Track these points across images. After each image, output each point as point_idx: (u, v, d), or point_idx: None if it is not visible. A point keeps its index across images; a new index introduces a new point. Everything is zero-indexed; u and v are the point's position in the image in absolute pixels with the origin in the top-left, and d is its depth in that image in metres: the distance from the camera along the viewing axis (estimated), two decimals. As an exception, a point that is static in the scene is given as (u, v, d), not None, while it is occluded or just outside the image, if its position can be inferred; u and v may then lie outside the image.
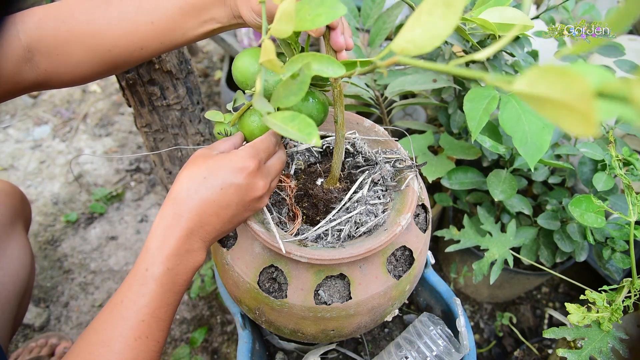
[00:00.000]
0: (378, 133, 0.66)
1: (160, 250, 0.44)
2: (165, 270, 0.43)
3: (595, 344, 0.64)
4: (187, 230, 0.44)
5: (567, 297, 1.25)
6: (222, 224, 0.47)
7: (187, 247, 0.45)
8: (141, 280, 0.43)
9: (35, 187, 1.53)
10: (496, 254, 0.83)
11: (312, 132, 0.35)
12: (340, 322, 0.57)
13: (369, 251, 0.52)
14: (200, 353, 1.15)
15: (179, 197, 0.45)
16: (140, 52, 0.56)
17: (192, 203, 0.44)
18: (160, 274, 0.43)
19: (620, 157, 0.74)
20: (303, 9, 0.39)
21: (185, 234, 0.44)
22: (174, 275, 0.44)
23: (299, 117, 0.37)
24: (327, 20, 0.38)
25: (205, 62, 1.96)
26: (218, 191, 0.45)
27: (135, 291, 0.43)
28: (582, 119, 0.19)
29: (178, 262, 0.44)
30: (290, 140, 0.64)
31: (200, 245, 0.46)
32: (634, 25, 1.32)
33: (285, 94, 0.39)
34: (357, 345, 0.85)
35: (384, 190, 0.60)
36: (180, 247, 0.44)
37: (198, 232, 0.45)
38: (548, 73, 0.20)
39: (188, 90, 1.00)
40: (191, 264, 0.46)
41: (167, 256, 0.43)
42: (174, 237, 0.44)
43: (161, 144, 1.07)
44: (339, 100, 0.51)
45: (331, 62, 0.41)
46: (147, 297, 0.43)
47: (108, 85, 1.89)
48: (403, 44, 0.30)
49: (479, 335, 1.18)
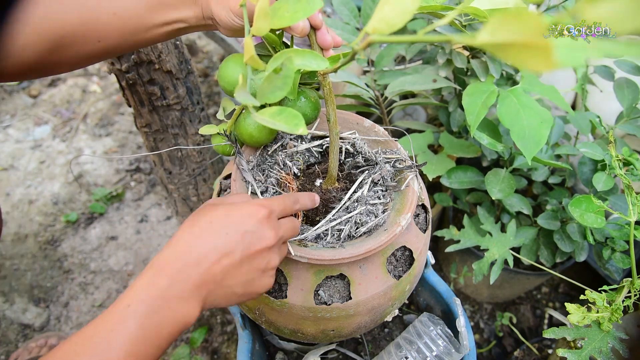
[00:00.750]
0: (378, 133, 0.66)
1: (147, 288, 0.37)
2: (149, 311, 0.36)
3: (595, 344, 0.64)
4: (182, 273, 0.38)
5: (567, 297, 1.25)
6: (224, 277, 0.40)
7: (179, 294, 0.38)
8: (119, 317, 0.36)
9: (35, 187, 1.53)
10: (496, 254, 0.83)
11: (298, 122, 0.36)
12: (340, 322, 0.57)
13: (369, 251, 0.52)
14: (200, 353, 1.15)
15: (181, 241, 0.40)
16: (96, 45, 0.50)
17: (192, 246, 0.40)
18: (143, 314, 0.36)
19: (620, 157, 0.74)
20: (282, 7, 0.40)
21: (179, 277, 0.38)
22: (158, 322, 0.37)
23: (286, 111, 0.38)
24: (305, 15, 0.39)
25: (205, 62, 1.96)
26: (223, 236, 0.41)
27: (110, 328, 0.36)
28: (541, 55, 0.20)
29: (165, 308, 0.37)
30: (290, 141, 0.64)
31: (195, 297, 0.39)
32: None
33: (270, 89, 0.39)
34: (357, 345, 0.85)
35: (384, 190, 0.60)
36: (170, 290, 0.38)
37: (194, 280, 0.39)
38: (506, 18, 0.21)
39: (188, 90, 1.00)
40: (180, 317, 0.38)
41: (153, 297, 0.37)
42: (166, 277, 0.38)
43: (161, 144, 1.07)
44: (330, 98, 0.51)
45: (314, 56, 0.42)
46: (123, 338, 0.35)
47: (108, 85, 1.89)
48: (375, 24, 0.31)
49: (479, 335, 1.18)
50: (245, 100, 0.40)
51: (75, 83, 1.89)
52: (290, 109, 0.38)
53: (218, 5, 0.49)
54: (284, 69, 0.38)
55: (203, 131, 0.55)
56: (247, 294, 0.43)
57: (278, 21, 0.39)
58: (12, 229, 1.42)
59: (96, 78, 1.92)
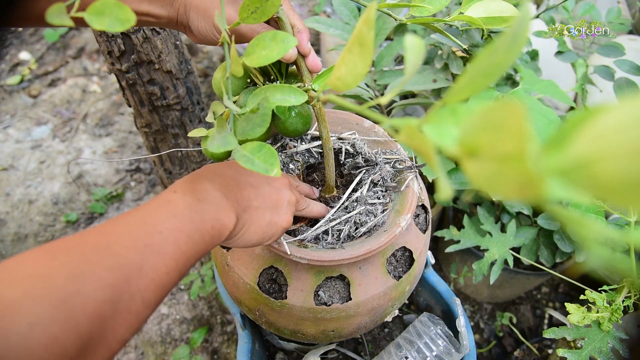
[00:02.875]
0: (378, 134, 0.66)
1: (191, 183, 0.39)
2: (194, 199, 0.38)
3: (595, 344, 0.64)
4: (222, 185, 0.41)
5: (567, 297, 1.25)
6: (255, 198, 0.44)
7: (220, 196, 0.40)
8: (167, 197, 0.37)
9: (35, 187, 1.53)
10: (496, 254, 0.83)
11: (274, 162, 0.39)
12: (340, 323, 0.57)
13: (369, 252, 0.52)
14: (200, 353, 1.15)
15: (214, 167, 0.43)
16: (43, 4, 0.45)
17: (229, 174, 0.43)
18: (190, 199, 0.38)
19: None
20: (259, 44, 0.41)
21: (220, 186, 0.41)
22: (203, 210, 0.38)
23: (265, 148, 0.40)
24: (279, 55, 0.40)
25: (205, 62, 1.96)
26: (251, 176, 0.45)
27: (157, 205, 0.36)
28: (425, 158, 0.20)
29: (209, 201, 0.39)
30: (290, 141, 0.64)
31: (233, 206, 0.41)
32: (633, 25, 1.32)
33: (251, 127, 0.42)
34: (357, 345, 0.85)
35: (384, 190, 0.60)
36: (212, 192, 0.40)
37: (233, 192, 0.42)
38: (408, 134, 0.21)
39: (188, 90, 1.00)
40: (221, 216, 0.39)
41: (198, 189, 0.39)
42: (207, 181, 0.40)
43: (161, 144, 1.07)
44: (320, 117, 0.53)
45: (292, 91, 0.45)
46: (168, 214, 0.36)
47: (108, 85, 1.89)
48: (334, 80, 0.34)
49: (479, 335, 1.18)
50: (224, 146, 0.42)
51: (75, 83, 1.89)
52: (269, 146, 0.40)
53: (198, 16, 0.48)
54: (261, 108, 0.41)
55: (193, 134, 0.55)
56: (272, 223, 0.45)
57: (256, 60, 0.41)
58: (12, 229, 1.42)
59: (96, 78, 1.92)
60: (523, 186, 0.16)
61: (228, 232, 0.40)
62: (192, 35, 0.51)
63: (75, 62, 1.96)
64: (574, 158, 0.16)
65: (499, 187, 0.17)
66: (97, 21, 0.34)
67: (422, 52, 0.25)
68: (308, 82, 0.50)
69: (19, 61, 1.95)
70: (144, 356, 1.16)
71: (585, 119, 0.16)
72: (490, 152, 0.18)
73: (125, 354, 1.16)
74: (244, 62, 0.41)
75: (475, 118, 0.18)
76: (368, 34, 0.30)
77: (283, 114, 0.53)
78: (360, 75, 0.32)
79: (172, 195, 0.38)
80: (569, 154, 0.16)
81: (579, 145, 0.16)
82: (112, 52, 0.86)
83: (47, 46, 2.00)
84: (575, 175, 0.16)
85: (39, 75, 1.91)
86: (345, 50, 0.32)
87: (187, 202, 0.37)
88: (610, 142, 0.15)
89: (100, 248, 0.30)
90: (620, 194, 0.15)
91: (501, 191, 0.17)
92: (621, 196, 0.15)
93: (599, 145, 0.15)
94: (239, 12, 0.41)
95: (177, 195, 0.38)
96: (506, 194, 0.17)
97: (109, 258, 0.30)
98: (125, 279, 0.30)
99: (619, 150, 0.15)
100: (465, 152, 0.19)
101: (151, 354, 1.16)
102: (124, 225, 0.33)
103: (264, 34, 0.41)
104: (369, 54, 0.31)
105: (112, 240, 0.31)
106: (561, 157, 0.16)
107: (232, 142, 0.41)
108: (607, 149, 0.15)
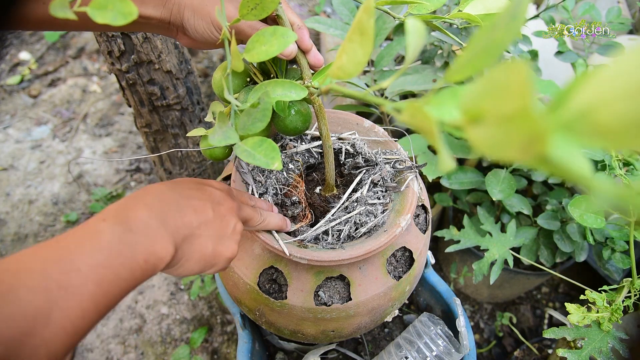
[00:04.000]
0: (378, 134, 0.66)
1: (124, 210, 0.35)
2: (125, 229, 0.34)
3: (595, 344, 0.64)
4: (162, 211, 0.37)
5: (567, 297, 1.25)
6: (199, 226, 0.40)
7: (157, 225, 0.36)
8: (94, 228, 0.33)
9: (35, 187, 1.53)
10: (496, 254, 0.83)
11: (275, 156, 0.39)
12: (340, 323, 0.57)
13: (369, 252, 0.52)
14: (200, 353, 1.15)
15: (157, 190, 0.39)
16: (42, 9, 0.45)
17: (172, 197, 0.39)
18: (119, 230, 0.33)
19: (620, 157, 0.74)
20: (259, 40, 0.42)
21: (159, 212, 0.36)
22: (134, 242, 0.34)
23: (266, 143, 0.40)
24: (279, 50, 0.41)
25: (205, 62, 1.96)
26: (195, 191, 0.42)
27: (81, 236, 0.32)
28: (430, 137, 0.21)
29: (142, 231, 0.35)
30: (290, 141, 0.64)
31: (171, 235, 0.37)
32: (633, 25, 1.32)
33: (252, 121, 0.42)
34: (357, 345, 0.85)
35: (384, 191, 0.60)
36: (149, 220, 0.35)
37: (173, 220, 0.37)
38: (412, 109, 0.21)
39: (188, 90, 1.00)
40: (157, 248, 0.35)
41: (131, 218, 0.34)
42: (145, 208, 0.36)
43: (161, 144, 1.07)
44: (320, 114, 0.52)
45: (293, 86, 0.45)
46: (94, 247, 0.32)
47: (108, 85, 1.89)
48: (335, 70, 0.34)
49: (479, 335, 1.18)
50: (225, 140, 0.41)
51: (75, 83, 1.89)
52: (270, 141, 0.40)
53: (195, 15, 0.47)
54: (262, 103, 0.41)
55: (192, 134, 0.55)
56: (216, 254, 0.42)
57: (256, 55, 0.41)
58: (12, 229, 1.42)
59: (96, 78, 1.92)
60: (528, 144, 0.16)
61: (164, 264, 0.36)
62: (185, 37, 0.49)
63: (75, 62, 1.96)
64: (576, 109, 0.17)
65: (504, 148, 0.18)
66: (100, 15, 0.34)
67: (423, 35, 0.25)
68: (308, 79, 0.50)
69: (19, 61, 1.95)
70: (143, 356, 1.16)
71: (586, 77, 0.17)
72: (495, 115, 0.18)
73: (125, 354, 1.16)
74: (245, 57, 0.41)
75: (479, 84, 0.19)
76: (368, 21, 0.31)
77: (283, 111, 0.53)
78: (361, 64, 0.33)
79: (100, 224, 0.33)
80: (571, 106, 0.17)
81: (580, 97, 0.17)
82: (112, 52, 0.86)
83: (47, 46, 2.00)
84: (578, 125, 0.17)
85: (39, 75, 1.91)
86: (346, 39, 0.33)
87: (117, 233, 0.33)
88: (610, 87, 0.16)
89: (1, 293, 0.26)
90: (621, 137, 0.16)
91: (506, 152, 0.18)
92: (623, 138, 0.16)
93: (600, 93, 0.16)
94: (239, 9, 0.41)
95: (106, 224, 0.33)
96: (511, 155, 0.18)
97: (9, 305, 0.26)
98: (27, 331, 0.26)
99: (618, 93, 0.16)
100: (469, 120, 0.20)
101: (151, 354, 1.16)
102: (38, 262, 0.29)
103: (263, 30, 0.42)
104: (369, 42, 0.31)
105: (18, 281, 0.27)
106: (564, 111, 0.17)
107: (233, 137, 0.41)
108: (607, 95, 0.16)
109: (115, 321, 1.23)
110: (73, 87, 1.87)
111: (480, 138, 0.19)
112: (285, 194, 0.61)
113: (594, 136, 0.16)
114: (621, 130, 0.15)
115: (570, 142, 0.17)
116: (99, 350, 1.17)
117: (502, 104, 0.17)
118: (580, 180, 0.16)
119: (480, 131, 0.19)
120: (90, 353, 1.17)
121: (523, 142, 0.17)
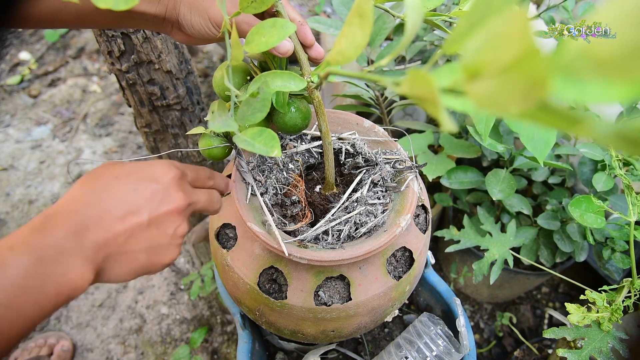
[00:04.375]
0: (378, 134, 0.66)
1: (36, 235, 0.31)
2: (35, 260, 0.30)
3: (595, 344, 0.64)
4: (81, 227, 0.33)
5: (567, 297, 1.25)
6: (127, 239, 0.35)
7: (73, 250, 0.32)
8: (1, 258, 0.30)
9: (35, 187, 1.53)
10: (496, 254, 0.83)
11: (274, 144, 0.39)
12: (340, 323, 0.57)
13: (369, 252, 0.52)
14: (200, 353, 1.15)
15: (79, 194, 0.35)
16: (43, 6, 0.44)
17: (94, 200, 0.34)
18: (28, 261, 0.30)
19: (620, 157, 0.74)
20: (259, 32, 0.42)
21: (77, 231, 0.32)
22: (44, 274, 0.30)
23: (265, 132, 0.40)
24: (279, 40, 0.41)
25: (205, 62, 1.96)
26: (130, 192, 0.35)
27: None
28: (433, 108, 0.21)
29: (54, 261, 0.31)
30: (290, 141, 0.64)
31: (91, 259, 0.33)
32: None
33: (251, 111, 0.42)
34: (357, 345, 0.85)
35: (384, 191, 0.60)
36: (65, 243, 0.32)
37: (94, 237, 0.33)
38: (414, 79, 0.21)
39: (188, 90, 1.00)
40: (71, 277, 0.32)
41: (43, 245, 0.31)
42: (61, 228, 0.32)
43: (161, 144, 1.07)
44: (319, 110, 0.52)
45: (292, 77, 0.45)
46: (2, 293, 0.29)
47: (108, 85, 1.89)
48: (334, 55, 0.34)
49: (479, 335, 1.18)
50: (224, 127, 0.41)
51: (75, 83, 1.89)
52: (269, 130, 0.40)
53: (192, 11, 0.46)
54: (261, 92, 0.41)
55: (192, 132, 0.55)
56: (150, 264, 0.38)
57: (256, 47, 0.41)
58: (12, 229, 1.42)
59: (96, 78, 1.92)
60: (529, 90, 0.17)
61: (80, 292, 0.33)
62: (180, 32, 0.49)
63: (75, 62, 1.96)
64: (576, 48, 0.17)
65: (505, 100, 0.18)
66: (102, 0, 0.34)
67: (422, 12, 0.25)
68: (307, 75, 0.50)
69: (19, 61, 1.95)
70: (143, 356, 1.16)
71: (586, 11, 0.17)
72: (495, 65, 0.18)
73: (125, 354, 1.16)
74: (245, 49, 0.42)
75: (478, 37, 0.19)
76: (367, 4, 0.31)
77: (282, 107, 0.53)
78: (360, 46, 0.32)
79: (6, 254, 0.30)
80: (571, 47, 0.17)
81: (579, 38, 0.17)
82: (112, 52, 0.86)
83: (47, 46, 2.00)
84: (578, 63, 0.17)
85: (39, 75, 1.91)
86: (345, 24, 0.33)
87: (23, 265, 0.29)
88: (608, 19, 0.16)
89: None
90: (622, 67, 0.16)
91: (507, 102, 0.18)
92: (623, 68, 0.16)
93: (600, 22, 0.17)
94: (240, 2, 0.42)
95: (12, 255, 0.30)
96: (512, 104, 0.18)
97: None
98: None
99: (617, 23, 0.16)
100: (469, 76, 0.20)
101: (151, 354, 1.16)
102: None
103: (263, 22, 0.42)
104: (368, 25, 0.31)
105: None
106: (564, 53, 0.17)
107: (232, 125, 0.41)
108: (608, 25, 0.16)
109: (115, 321, 1.23)
110: (73, 87, 1.87)
111: (481, 92, 0.19)
112: (285, 194, 0.61)
113: (595, 72, 0.16)
114: (622, 60, 0.15)
115: (571, 84, 0.17)
116: (99, 350, 1.17)
117: (502, 53, 0.17)
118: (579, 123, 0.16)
119: (481, 85, 0.19)
120: (90, 353, 1.17)
121: (524, 90, 0.17)
